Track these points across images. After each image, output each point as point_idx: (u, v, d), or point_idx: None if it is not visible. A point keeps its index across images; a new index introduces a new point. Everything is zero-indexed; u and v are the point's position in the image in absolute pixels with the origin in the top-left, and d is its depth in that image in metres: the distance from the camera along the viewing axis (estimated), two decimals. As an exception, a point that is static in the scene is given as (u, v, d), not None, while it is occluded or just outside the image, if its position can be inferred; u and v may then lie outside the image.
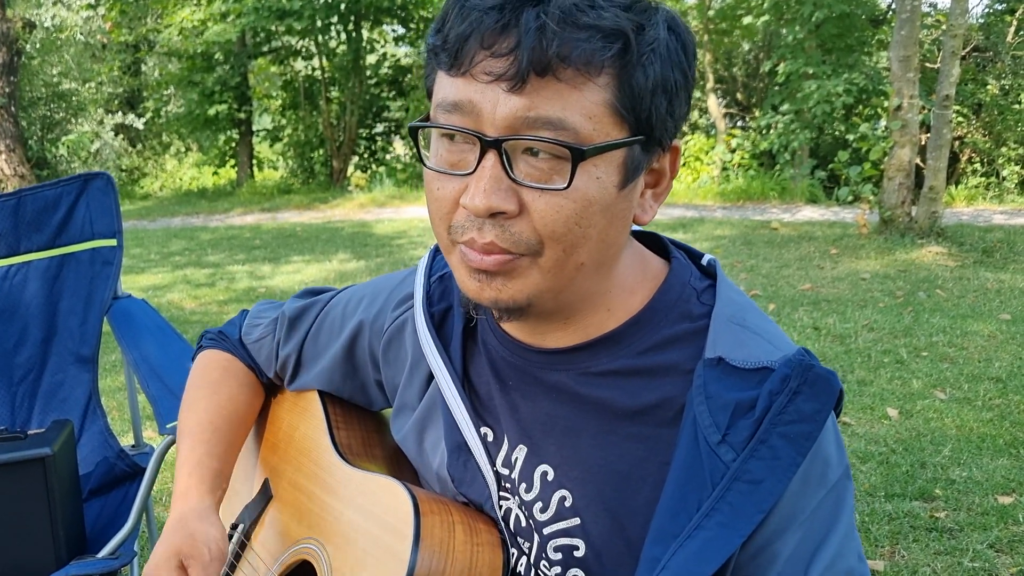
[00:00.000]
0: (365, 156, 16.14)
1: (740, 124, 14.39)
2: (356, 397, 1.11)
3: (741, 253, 7.48)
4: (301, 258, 8.23)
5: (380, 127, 16.35)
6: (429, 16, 14.42)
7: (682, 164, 10.76)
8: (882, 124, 9.95)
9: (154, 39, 16.61)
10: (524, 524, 0.88)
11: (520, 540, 0.89)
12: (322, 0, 13.36)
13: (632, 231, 0.90)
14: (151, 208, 14.31)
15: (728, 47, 14.69)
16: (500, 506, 0.90)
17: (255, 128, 16.94)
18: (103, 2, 15.48)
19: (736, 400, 0.75)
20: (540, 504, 0.86)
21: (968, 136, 11.78)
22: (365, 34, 15.04)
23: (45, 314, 2.00)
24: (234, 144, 16.56)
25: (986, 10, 13.06)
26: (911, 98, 7.45)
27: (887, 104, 8.00)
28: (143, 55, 18.24)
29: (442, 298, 0.97)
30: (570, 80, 0.70)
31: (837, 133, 11.77)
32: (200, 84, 15.29)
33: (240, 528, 1.12)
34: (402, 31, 15.76)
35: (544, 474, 0.86)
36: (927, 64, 9.74)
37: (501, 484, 0.90)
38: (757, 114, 13.03)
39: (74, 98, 18.22)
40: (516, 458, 0.88)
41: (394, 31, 16.13)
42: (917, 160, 7.80)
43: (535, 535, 0.87)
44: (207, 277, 7.41)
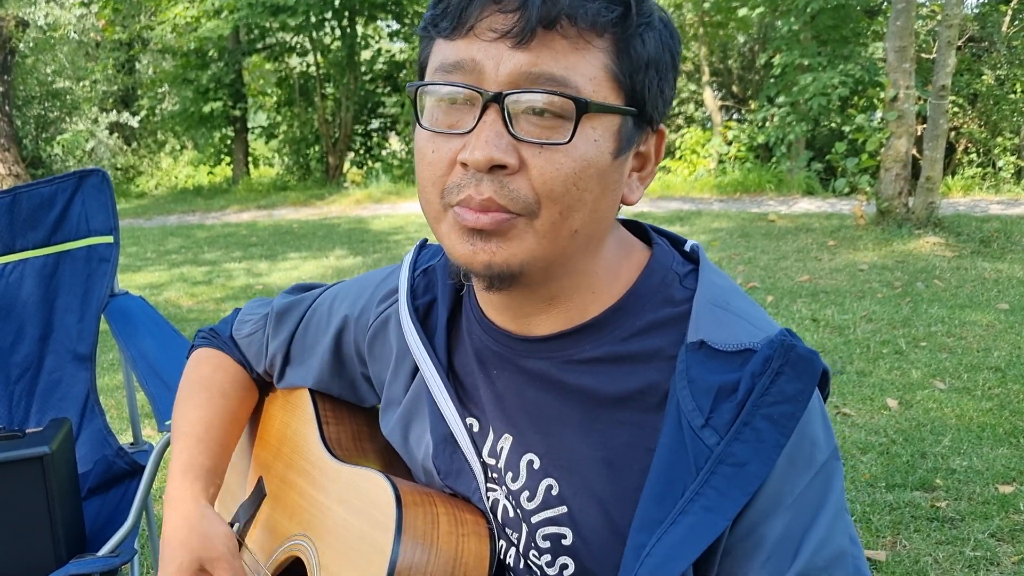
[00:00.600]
0: (361, 152, 16.11)
1: (736, 117, 14.38)
2: (346, 394, 1.11)
3: (739, 245, 7.48)
4: (298, 255, 8.22)
5: (376, 123, 16.32)
6: (423, 11, 14.35)
7: (678, 157, 10.65)
8: (878, 115, 9.94)
9: (148, 36, 16.56)
10: (512, 514, 0.88)
11: (508, 531, 0.89)
12: (316, -4, 13.34)
13: (618, 219, 0.90)
14: (147, 206, 14.28)
15: (723, 39, 14.66)
16: (488, 497, 0.90)
17: (250, 125, 16.90)
18: (96, 0, 15.42)
19: (719, 383, 0.75)
20: (527, 493, 0.86)
21: (964, 126, 11.78)
22: (360, 30, 15.02)
23: (42, 312, 1.99)
24: (229, 141, 16.53)
25: (982, 0, 13.06)
26: (907, 89, 7.44)
27: (883, 95, 7.99)
28: (137, 53, 18.19)
29: (426, 291, 0.97)
30: (573, 39, 0.72)
31: (833, 125, 11.77)
32: (194, 81, 15.24)
33: (235, 527, 1.11)
34: (397, 26, 15.72)
35: (530, 463, 0.86)
36: (923, 55, 9.74)
37: (488, 475, 0.90)
38: (753, 106, 13.01)
39: (68, 97, 18.17)
40: (501, 447, 0.88)
41: (388, 26, 16.10)
42: (913, 151, 7.80)
43: (523, 525, 0.87)
44: (204, 275, 7.39)
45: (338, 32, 14.73)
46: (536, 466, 0.86)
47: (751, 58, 14.64)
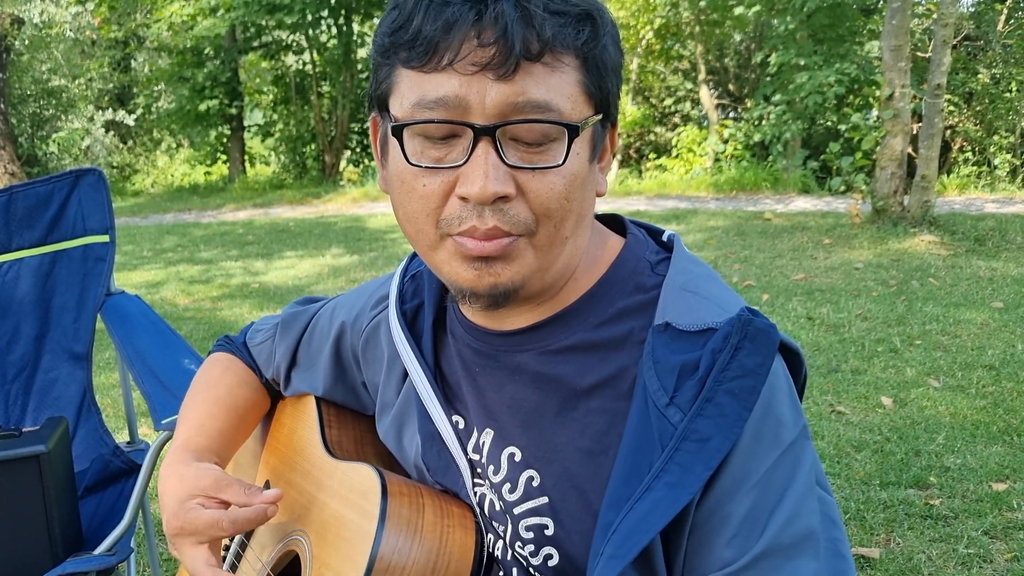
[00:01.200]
0: (357, 151, 16.10)
1: (732, 115, 14.39)
2: (349, 401, 1.13)
3: (735, 244, 7.49)
4: (294, 253, 8.22)
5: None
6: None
7: (675, 156, 10.66)
8: (874, 114, 9.97)
9: (144, 34, 16.53)
10: (498, 508, 0.89)
11: (496, 524, 0.90)
12: (312, -6, 13.32)
13: (597, 214, 0.93)
14: (143, 205, 14.26)
15: (720, 38, 14.67)
16: (475, 492, 0.92)
17: (246, 123, 16.89)
18: (92, -2, 15.40)
19: (681, 362, 0.76)
20: (508, 485, 0.88)
21: (960, 125, 11.80)
22: (356, 28, 15.00)
23: (38, 311, 1.99)
24: (225, 140, 16.51)
25: (977, -1, 13.08)
26: (903, 87, 7.46)
27: (879, 94, 8.01)
28: (133, 51, 18.15)
29: (414, 295, 1.00)
30: (550, 64, 0.73)
31: (829, 123, 11.79)
32: (191, 80, 15.23)
33: None
34: (393, 25, 15.70)
35: (511, 455, 0.88)
36: (918, 53, 9.75)
37: (474, 470, 0.92)
38: (749, 105, 13.03)
39: (64, 95, 18.14)
40: (484, 442, 0.90)
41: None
42: (909, 149, 7.81)
43: (507, 517, 0.88)
44: (200, 273, 7.39)
45: (334, 30, 14.73)
46: (517, 459, 0.87)
47: (747, 56, 14.64)
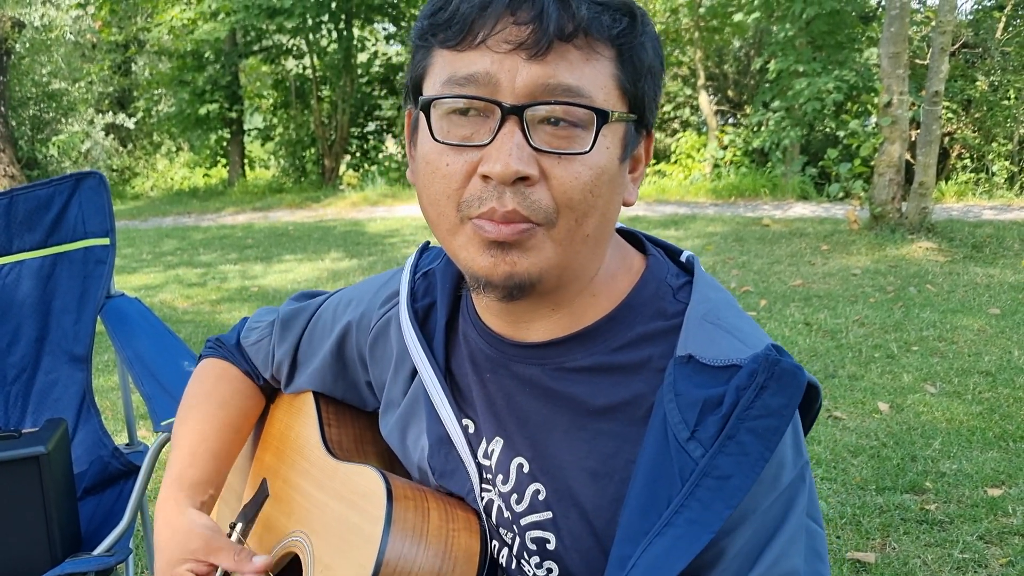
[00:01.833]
0: (357, 155, 16.12)
1: (731, 121, 14.42)
2: (349, 397, 1.12)
3: (733, 250, 7.51)
4: (293, 257, 8.23)
5: (372, 126, 16.33)
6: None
7: (674, 162, 10.67)
8: (872, 120, 9.99)
9: (144, 38, 16.55)
10: (506, 515, 0.89)
11: (502, 531, 0.90)
12: (312, -2, 13.35)
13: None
14: (142, 208, 14.27)
15: (719, 44, 14.70)
16: (482, 497, 0.91)
17: (246, 127, 16.91)
18: (92, 1, 15.41)
19: (704, 397, 0.75)
20: (515, 496, 0.87)
21: (958, 132, 11.83)
22: (356, 32, 15.03)
23: (38, 313, 2.00)
24: (225, 143, 16.52)
25: (975, 6, 13.13)
26: (901, 94, 7.48)
27: (877, 100, 8.03)
28: (133, 54, 18.18)
29: (426, 294, 0.98)
30: (584, 50, 0.73)
31: (828, 130, 11.81)
32: (191, 83, 15.24)
33: (238, 527, 1.13)
34: (393, 29, 15.76)
35: (520, 466, 0.87)
36: (917, 60, 9.78)
37: (483, 476, 0.91)
38: (748, 111, 13.05)
39: (64, 98, 18.15)
40: (493, 450, 0.90)
41: (385, 29, 16.12)
42: (907, 156, 7.83)
43: (514, 526, 0.88)
44: (199, 276, 7.40)
45: (334, 35, 14.74)
46: (525, 470, 0.87)
47: (746, 63, 14.68)
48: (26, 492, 1.57)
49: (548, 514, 0.85)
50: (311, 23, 13.91)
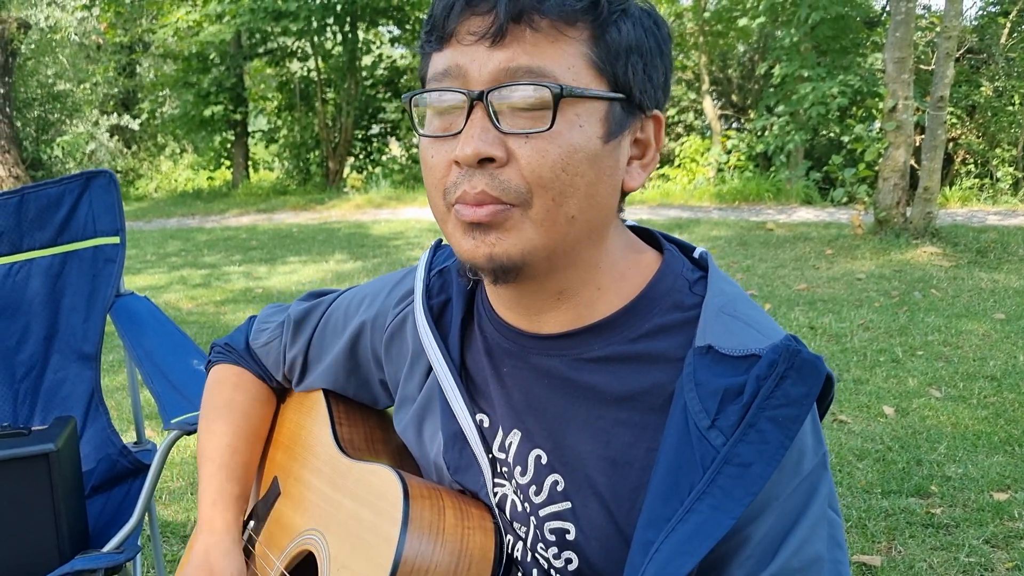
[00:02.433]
0: (361, 157, 16.14)
1: (735, 126, 14.43)
2: (360, 395, 1.13)
3: (737, 254, 7.51)
4: (298, 259, 8.24)
5: (376, 128, 16.35)
6: (424, 16, 14.41)
7: (678, 166, 10.63)
8: (877, 125, 9.99)
9: (149, 40, 16.59)
10: (520, 509, 0.90)
11: (516, 525, 0.91)
12: (318, 1, 13.36)
13: (628, 225, 0.92)
14: (147, 209, 14.29)
15: (723, 49, 14.72)
16: (495, 492, 0.92)
17: (251, 129, 16.93)
18: (98, 3, 15.45)
19: (725, 386, 0.76)
20: (534, 487, 0.88)
21: (962, 138, 11.82)
22: (361, 35, 15.05)
23: (47, 311, 2.00)
24: (230, 145, 16.55)
25: (980, 12, 13.14)
26: (906, 99, 7.48)
27: (882, 105, 8.03)
28: (138, 56, 18.22)
29: (441, 291, 0.99)
30: (547, 32, 0.75)
31: (832, 135, 11.81)
32: (196, 85, 15.27)
33: (251, 525, 1.14)
34: (398, 32, 15.77)
35: (538, 458, 0.88)
36: (921, 66, 9.79)
37: (497, 470, 0.92)
38: (752, 115, 13.06)
39: (69, 99, 18.20)
40: (511, 443, 0.90)
41: (390, 32, 16.14)
42: (912, 161, 7.83)
43: (531, 519, 0.89)
44: (204, 278, 7.41)
45: (339, 37, 14.77)
46: (544, 461, 0.88)
47: (751, 68, 14.69)
48: (36, 489, 1.58)
49: (567, 504, 0.86)
50: (316, 26, 13.93)
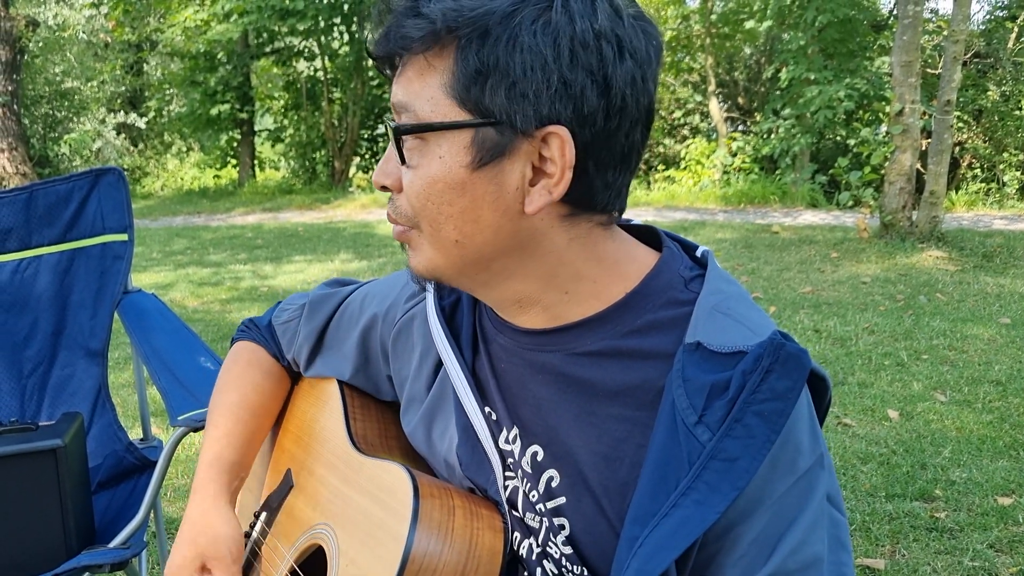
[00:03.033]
0: (367, 157, 16.16)
1: (741, 128, 14.41)
2: (370, 388, 1.14)
3: (742, 256, 7.50)
4: (303, 258, 8.25)
5: (382, 128, 16.35)
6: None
7: (683, 168, 10.55)
8: (883, 129, 9.98)
9: (157, 38, 16.63)
10: (531, 501, 0.90)
11: (529, 516, 0.91)
12: (325, 1, 13.39)
13: (631, 224, 0.92)
14: (153, 207, 14.33)
15: (730, 51, 14.71)
16: (505, 487, 0.92)
17: (257, 128, 16.96)
18: (106, 1, 15.49)
19: (712, 382, 0.76)
20: (529, 484, 0.89)
21: (969, 142, 11.80)
22: (368, 35, 15.05)
23: (55, 308, 2.02)
24: (236, 144, 16.58)
25: (987, 16, 13.10)
26: (912, 103, 7.47)
27: (888, 109, 8.02)
28: (146, 55, 18.26)
29: (452, 291, 1.00)
30: (419, 67, 0.78)
31: (838, 138, 11.80)
32: (202, 84, 15.31)
33: (262, 517, 1.15)
34: (405, 33, 15.77)
35: (535, 454, 0.89)
36: (928, 70, 9.76)
37: (506, 463, 0.92)
38: (758, 118, 13.05)
39: (76, 97, 18.25)
40: (515, 436, 0.91)
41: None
42: (918, 165, 7.82)
43: (539, 508, 0.89)
44: (209, 276, 7.43)
45: (346, 37, 14.79)
46: (539, 458, 0.88)
47: (757, 70, 14.67)
48: (43, 484, 1.59)
49: (562, 500, 0.87)
50: (323, 25, 13.95)
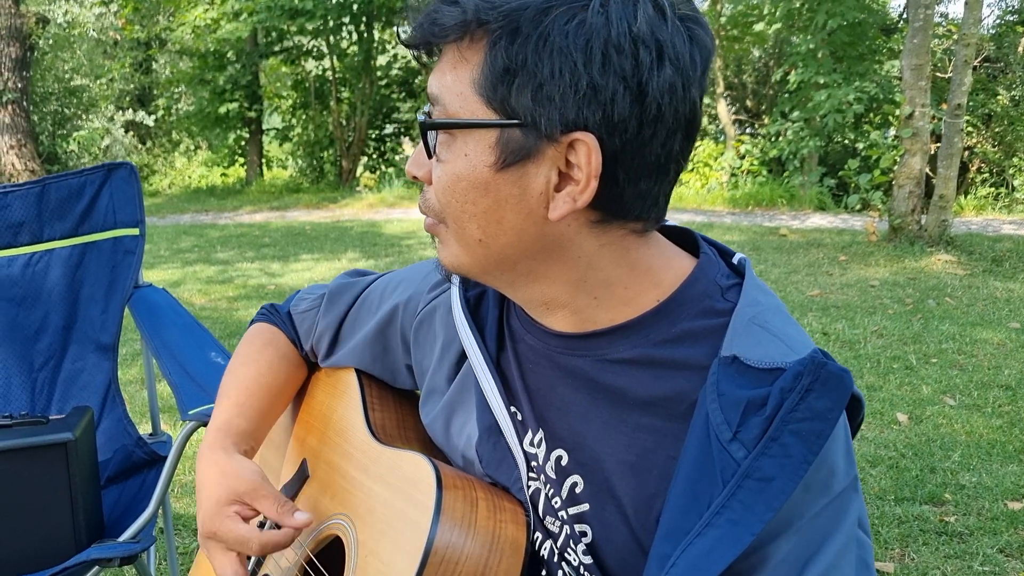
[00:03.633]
0: (374, 156, 16.18)
1: (749, 131, 14.40)
2: (386, 377, 1.13)
3: (750, 259, 7.47)
4: (310, 256, 8.26)
5: (390, 128, 16.38)
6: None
7: (691, 170, 10.54)
8: (892, 132, 9.95)
9: (166, 37, 16.67)
10: (552, 504, 0.89)
11: (549, 520, 0.90)
12: (334, 0, 13.41)
13: (666, 225, 0.89)
14: (161, 205, 14.36)
15: (739, 54, 14.70)
16: (528, 487, 0.90)
17: (265, 127, 16.99)
18: (116, -1, 15.56)
19: (748, 398, 0.73)
20: (553, 489, 0.87)
21: (978, 146, 11.77)
22: (376, 35, 15.09)
23: (67, 302, 2.02)
24: (244, 143, 16.61)
25: (998, 20, 13.07)
26: (922, 107, 7.45)
27: (898, 112, 8.00)
28: (155, 53, 18.31)
29: (477, 283, 0.98)
30: (452, 58, 0.76)
31: (847, 141, 11.77)
32: (211, 82, 15.34)
33: None
34: (413, 32, 15.79)
35: (559, 459, 0.87)
36: (938, 73, 9.75)
37: (529, 464, 0.91)
38: (767, 121, 13.03)
39: (85, 94, 18.31)
40: (540, 439, 0.89)
41: (406, 32, 16.16)
42: (927, 169, 7.80)
43: (561, 514, 0.88)
44: (217, 273, 7.44)
45: (355, 36, 14.80)
46: (564, 462, 0.86)
47: (766, 73, 14.66)
48: (53, 478, 1.59)
49: (585, 506, 0.85)
50: (332, 25, 13.97)
